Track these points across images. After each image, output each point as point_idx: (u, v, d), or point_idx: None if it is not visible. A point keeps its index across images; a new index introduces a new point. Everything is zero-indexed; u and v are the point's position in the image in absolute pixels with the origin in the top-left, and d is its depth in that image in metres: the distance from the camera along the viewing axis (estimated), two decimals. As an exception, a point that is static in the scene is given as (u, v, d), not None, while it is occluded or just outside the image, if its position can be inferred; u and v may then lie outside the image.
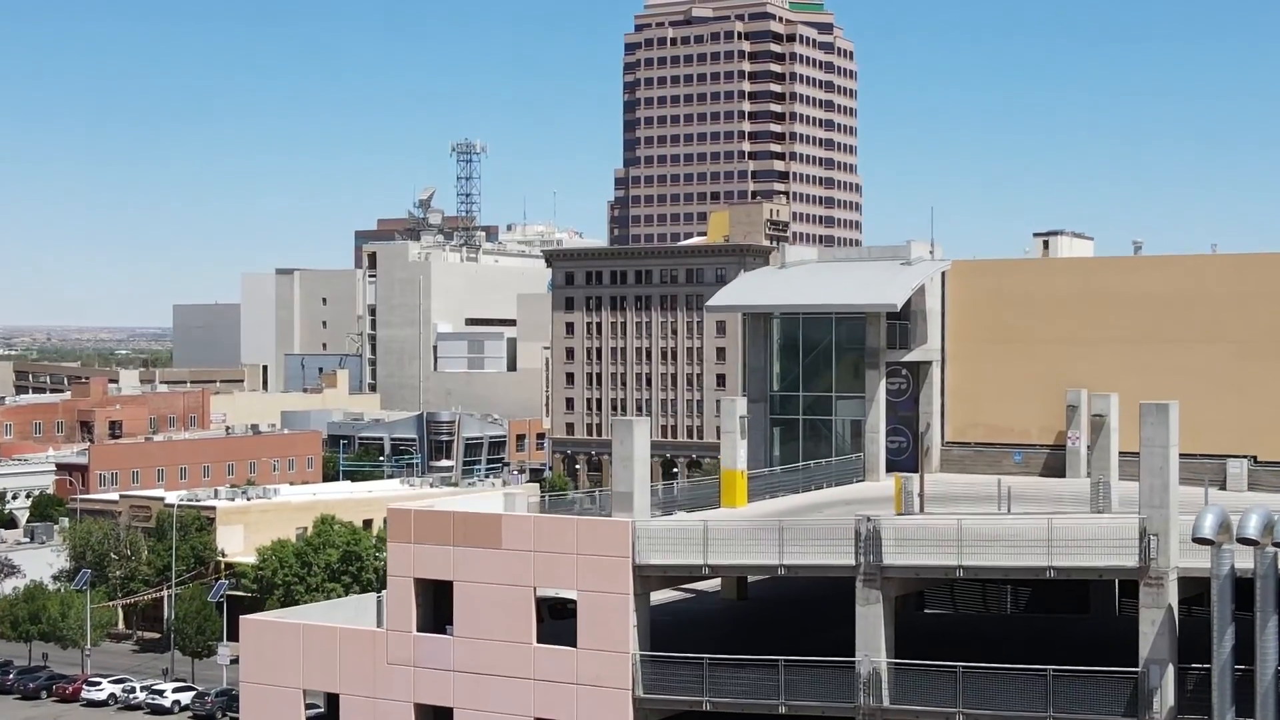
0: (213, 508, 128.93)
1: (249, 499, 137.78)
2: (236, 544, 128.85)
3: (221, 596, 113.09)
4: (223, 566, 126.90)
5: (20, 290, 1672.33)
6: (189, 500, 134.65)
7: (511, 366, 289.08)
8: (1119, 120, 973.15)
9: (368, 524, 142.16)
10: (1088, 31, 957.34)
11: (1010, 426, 69.64)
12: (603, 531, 40.26)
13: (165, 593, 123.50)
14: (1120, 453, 63.64)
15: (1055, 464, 68.58)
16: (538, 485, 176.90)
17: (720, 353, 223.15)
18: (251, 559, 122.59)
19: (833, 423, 67.90)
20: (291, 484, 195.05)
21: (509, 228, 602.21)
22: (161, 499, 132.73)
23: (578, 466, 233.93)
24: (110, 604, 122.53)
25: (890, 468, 68.22)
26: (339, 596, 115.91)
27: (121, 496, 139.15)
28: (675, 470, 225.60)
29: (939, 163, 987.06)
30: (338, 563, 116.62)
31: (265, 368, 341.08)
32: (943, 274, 69.51)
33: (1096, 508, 52.39)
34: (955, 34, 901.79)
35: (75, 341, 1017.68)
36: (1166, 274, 69.07)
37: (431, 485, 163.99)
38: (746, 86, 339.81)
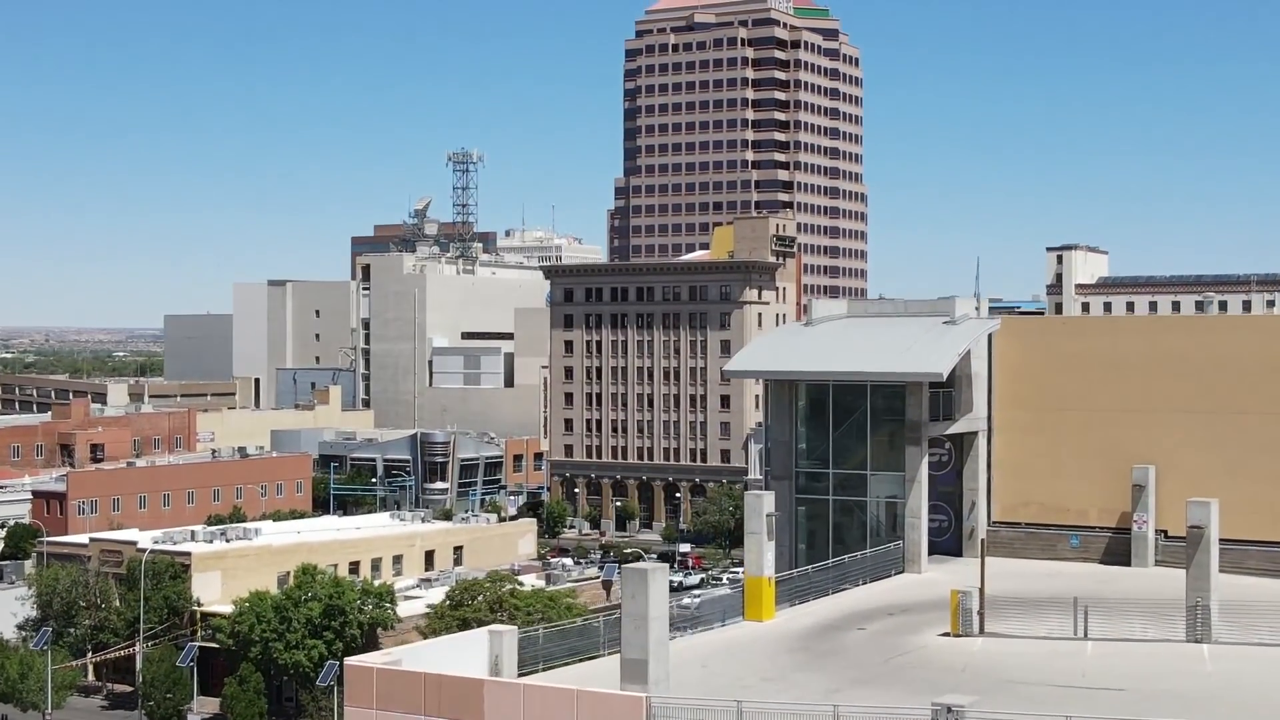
0: (188, 553, 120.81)
1: (228, 540, 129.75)
2: (213, 591, 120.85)
3: (192, 660, 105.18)
4: (198, 617, 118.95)
5: (20, 291, 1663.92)
6: (163, 543, 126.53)
7: (509, 383, 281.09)
8: (1132, 130, 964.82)
9: (354, 567, 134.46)
10: (1099, 40, 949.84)
11: (1066, 506, 61.83)
12: (611, 708, 32.43)
13: (136, 648, 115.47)
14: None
15: (1118, 549, 60.75)
16: (535, 520, 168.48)
17: (725, 373, 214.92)
18: (229, 608, 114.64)
19: (866, 504, 59.96)
20: (278, 513, 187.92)
21: (507, 233, 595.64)
22: (134, 543, 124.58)
23: (576, 490, 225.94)
24: (75, 664, 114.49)
25: (930, 550, 60.45)
26: (320, 653, 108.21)
27: (91, 540, 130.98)
28: (678, 496, 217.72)
29: (945, 171, 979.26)
30: (319, 617, 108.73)
31: (257, 381, 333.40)
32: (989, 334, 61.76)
33: (1194, 635, 44.44)
34: (960, 40, 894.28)
35: (74, 343, 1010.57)
36: (1242, 336, 61.31)
37: (423, 519, 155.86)
38: (750, 94, 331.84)
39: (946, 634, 47.21)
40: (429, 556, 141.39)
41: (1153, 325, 63.99)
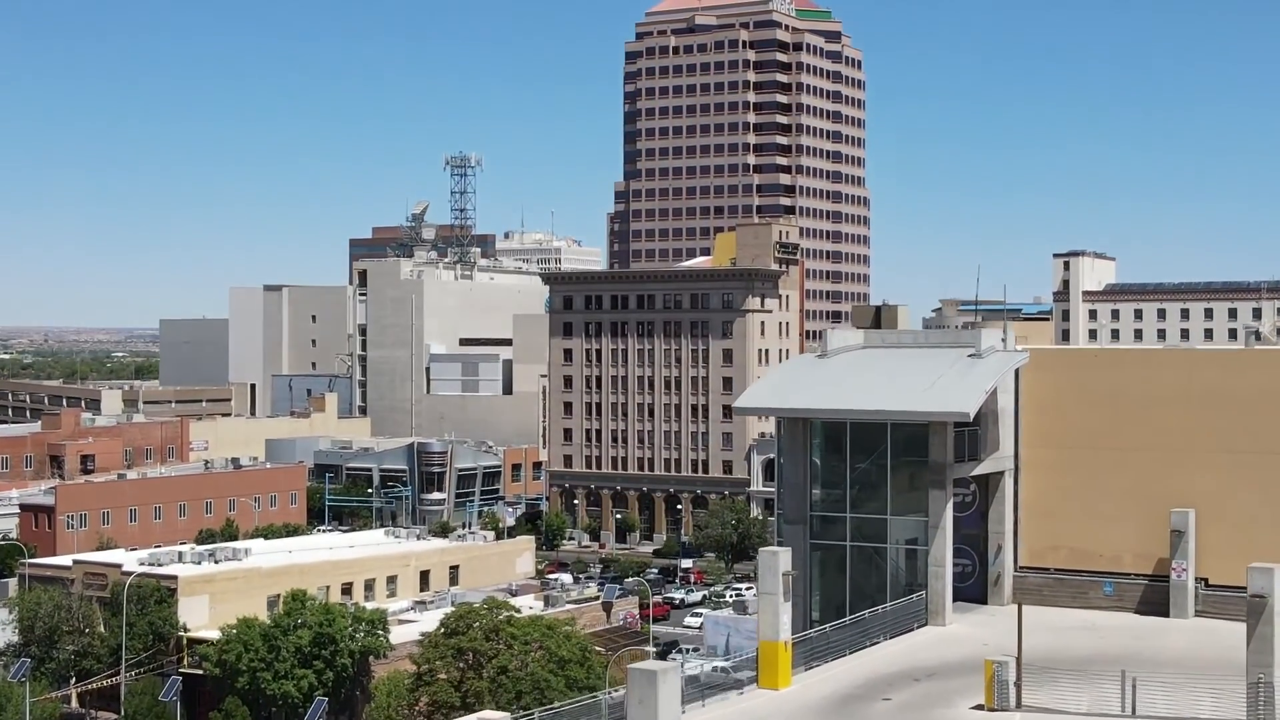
0: (174, 577, 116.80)
1: (216, 561, 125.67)
2: (201, 616, 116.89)
3: (175, 694, 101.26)
4: (185, 643, 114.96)
5: (20, 290, 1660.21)
6: (149, 564, 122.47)
7: (507, 390, 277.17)
8: (1138, 134, 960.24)
9: (347, 588, 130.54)
10: (1104, 43, 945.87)
11: (1098, 551, 57.89)
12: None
13: (120, 678, 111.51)
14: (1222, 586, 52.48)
15: (1155, 598, 56.79)
16: (533, 538, 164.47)
17: (727, 383, 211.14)
18: (217, 634, 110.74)
19: (886, 550, 55.97)
20: (271, 527, 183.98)
21: (506, 236, 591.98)
22: (119, 566, 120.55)
23: (575, 502, 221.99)
24: (55, 695, 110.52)
25: (953, 596, 56.49)
26: (310, 683, 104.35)
27: (75, 562, 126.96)
28: (679, 507, 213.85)
29: (948, 175, 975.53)
30: (309, 645, 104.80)
31: (253, 386, 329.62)
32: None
33: (1255, 715, 40.44)
34: (964, 42, 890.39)
35: (72, 343, 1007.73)
36: (1290, 369, 57.30)
37: (418, 537, 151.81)
38: (751, 97, 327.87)
39: (980, 706, 43.35)
40: (424, 576, 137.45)
41: (1192, 358, 59.86)
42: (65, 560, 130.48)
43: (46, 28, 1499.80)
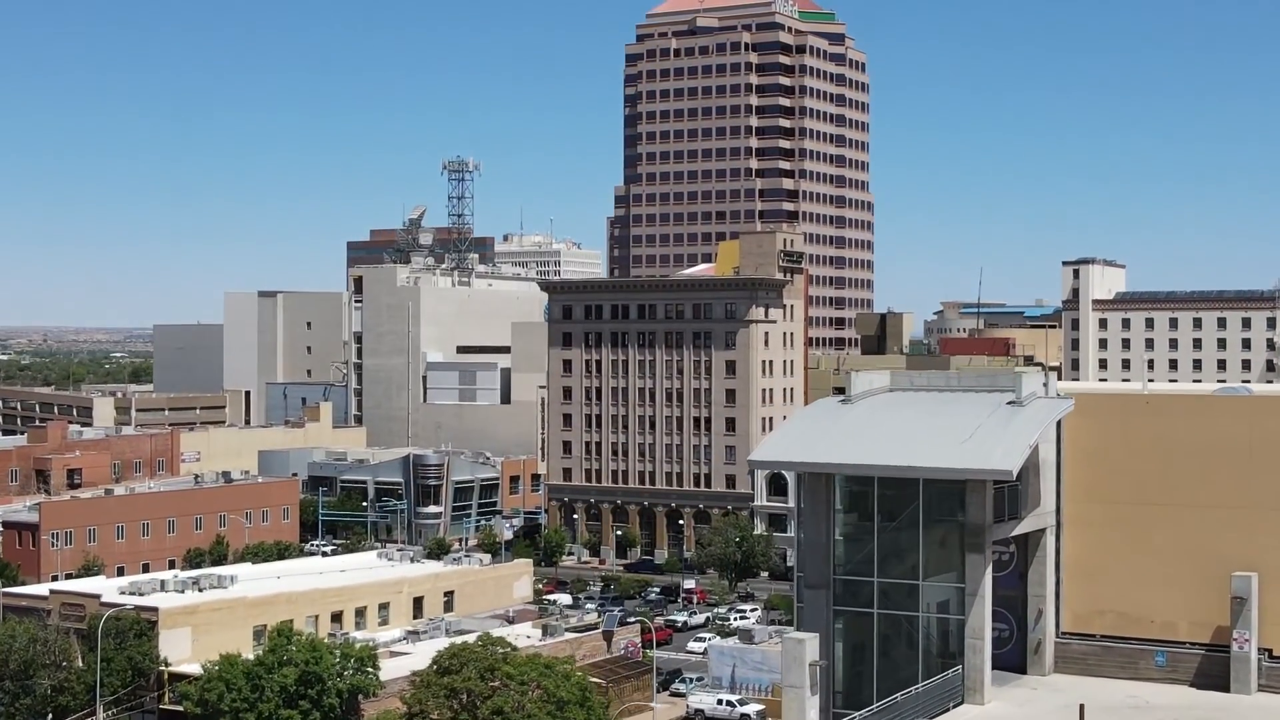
0: (155, 609, 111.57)
1: (200, 589, 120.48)
2: (183, 650, 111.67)
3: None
4: (166, 679, 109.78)
5: (19, 290, 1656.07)
6: (130, 593, 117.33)
7: (505, 399, 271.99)
8: (1148, 139, 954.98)
9: (337, 617, 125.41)
10: (1111, 47, 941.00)
11: (1150, 617, 52.76)
12: None
13: (98, 716, 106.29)
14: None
15: (1213, 670, 51.64)
16: (530, 562, 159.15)
17: (730, 395, 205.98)
18: (199, 668, 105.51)
19: (918, 619, 50.77)
20: (262, 545, 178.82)
21: (505, 238, 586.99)
22: (97, 596, 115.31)
23: (575, 516, 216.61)
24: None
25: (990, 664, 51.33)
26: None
27: (52, 592, 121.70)
28: (681, 522, 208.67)
29: (952, 179, 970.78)
30: (294, 684, 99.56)
31: (247, 394, 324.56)
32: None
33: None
34: (969, 45, 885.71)
35: (71, 344, 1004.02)
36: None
37: (412, 559, 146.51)
38: (754, 100, 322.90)
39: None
40: (418, 603, 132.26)
41: (1254, 404, 54.49)
42: (42, 589, 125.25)
43: (46, 28, 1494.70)
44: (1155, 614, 52.49)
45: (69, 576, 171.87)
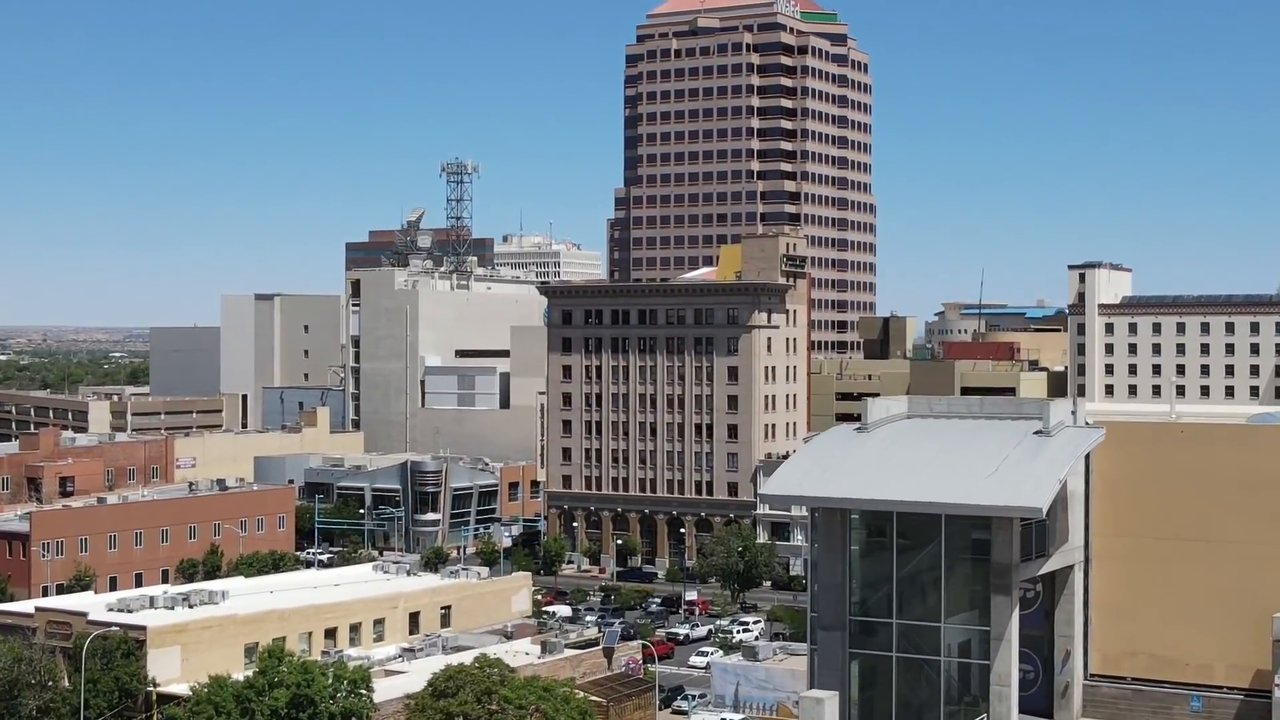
0: (143, 627, 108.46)
1: (191, 606, 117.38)
2: (172, 669, 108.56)
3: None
4: (154, 699, 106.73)
5: (19, 290, 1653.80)
6: (118, 610, 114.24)
7: (504, 404, 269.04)
8: (1154, 140, 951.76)
9: (331, 634, 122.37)
10: (1118, 49, 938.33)
11: (1184, 659, 49.80)
12: None
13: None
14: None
15: (1252, 717, 48.67)
16: (530, 574, 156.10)
17: (732, 401, 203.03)
18: (187, 689, 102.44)
19: (940, 663, 47.79)
20: (256, 555, 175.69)
21: (504, 239, 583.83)
22: (84, 614, 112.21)
23: (575, 524, 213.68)
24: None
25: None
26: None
27: (38, 609, 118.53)
28: (683, 530, 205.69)
29: (956, 181, 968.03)
30: (286, 708, 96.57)
31: (244, 398, 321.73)
32: (1089, 444, 49.54)
33: None
34: (971, 45, 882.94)
35: (71, 343, 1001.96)
36: None
37: (408, 571, 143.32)
38: (755, 101, 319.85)
39: None
40: (413, 619, 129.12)
41: (1296, 436, 51.46)
42: (27, 607, 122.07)
43: (47, 29, 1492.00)
44: (1190, 656, 49.51)
45: (60, 587, 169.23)
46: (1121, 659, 50.41)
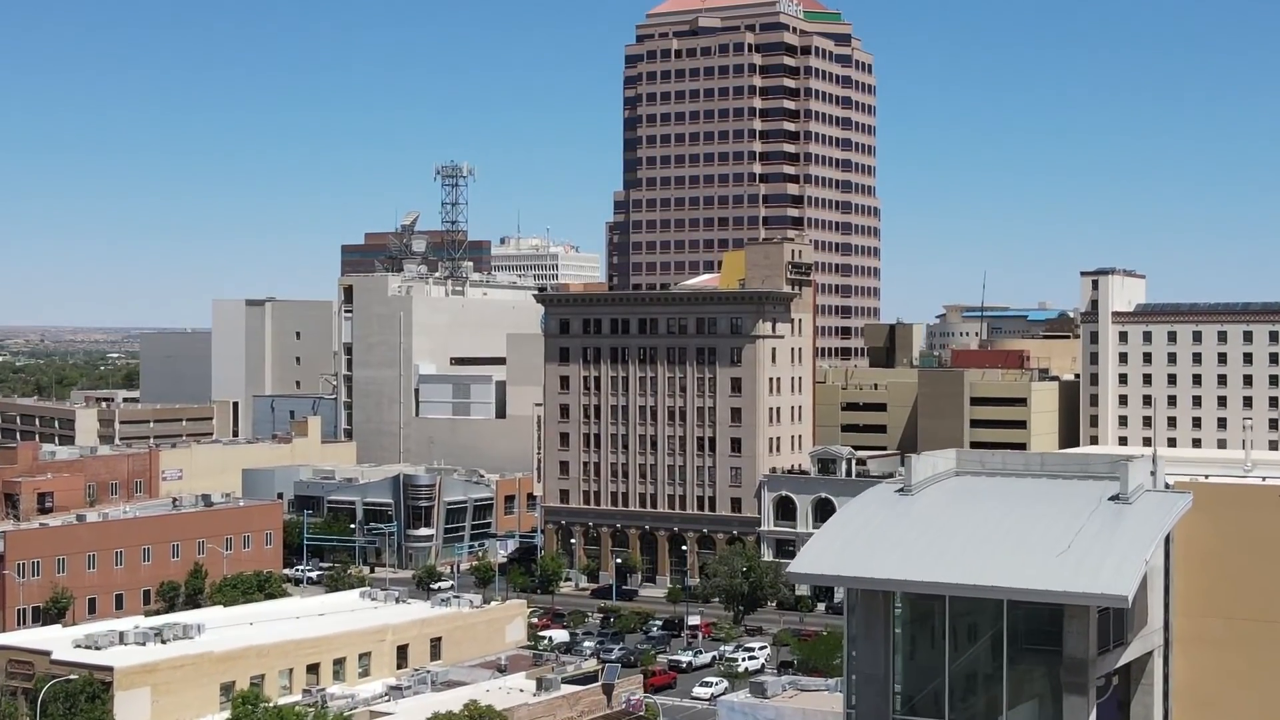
0: (110, 668, 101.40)
1: (164, 641, 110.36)
2: (141, 713, 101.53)
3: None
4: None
5: (19, 289, 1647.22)
6: (85, 645, 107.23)
7: (500, 413, 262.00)
8: (1167, 145, 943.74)
9: (314, 669, 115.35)
10: (1127, 51, 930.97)
11: (1282, 760, 42.81)
12: None
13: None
14: None
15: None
16: (524, 602, 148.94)
17: (735, 414, 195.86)
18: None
19: (1001, 771, 40.70)
20: (240, 576, 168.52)
21: (502, 241, 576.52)
22: (47, 654, 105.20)
23: (573, 540, 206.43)
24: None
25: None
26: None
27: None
28: (684, 547, 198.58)
29: (960, 183, 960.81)
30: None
31: (235, 405, 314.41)
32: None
33: None
34: (974, 46, 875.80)
35: (69, 343, 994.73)
36: None
37: (397, 599, 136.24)
38: (757, 103, 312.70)
39: None
40: (401, 652, 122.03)
41: None
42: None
43: (47, 29, 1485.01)
44: (1288, 756, 42.47)
45: (35, 611, 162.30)
46: (1207, 758, 43.32)
